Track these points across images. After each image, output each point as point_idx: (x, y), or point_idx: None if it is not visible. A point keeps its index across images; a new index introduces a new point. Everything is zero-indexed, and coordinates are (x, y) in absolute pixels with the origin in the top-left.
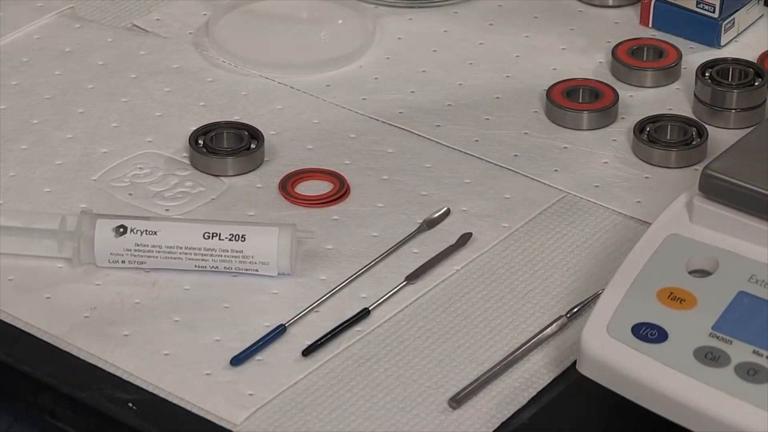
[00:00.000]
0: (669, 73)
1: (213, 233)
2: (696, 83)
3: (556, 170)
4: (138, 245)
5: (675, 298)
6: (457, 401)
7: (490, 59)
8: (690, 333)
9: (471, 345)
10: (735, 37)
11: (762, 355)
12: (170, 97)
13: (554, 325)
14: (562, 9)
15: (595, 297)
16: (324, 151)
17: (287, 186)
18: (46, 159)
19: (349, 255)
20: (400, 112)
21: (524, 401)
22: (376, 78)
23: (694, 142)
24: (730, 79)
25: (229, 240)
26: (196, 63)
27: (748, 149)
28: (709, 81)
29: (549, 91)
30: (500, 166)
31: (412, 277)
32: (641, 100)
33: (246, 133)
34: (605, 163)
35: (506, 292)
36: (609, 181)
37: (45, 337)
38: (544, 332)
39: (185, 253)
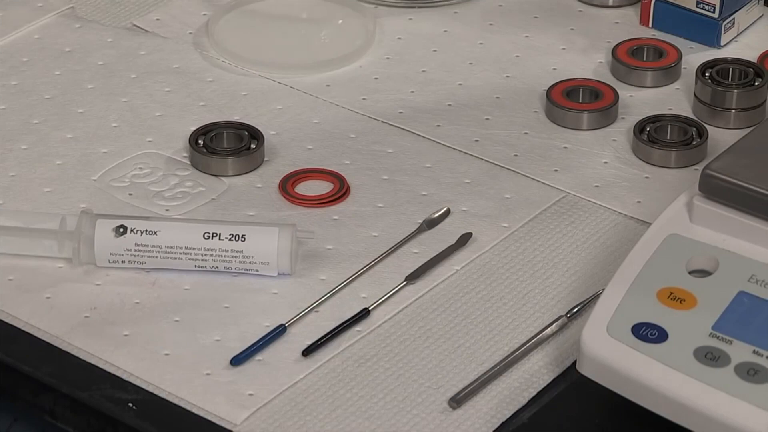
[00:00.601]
0: (669, 73)
1: (213, 233)
2: (696, 83)
3: (556, 170)
4: (138, 245)
5: (675, 298)
6: (457, 401)
7: (490, 59)
8: (690, 333)
9: (471, 345)
10: (735, 37)
11: (762, 355)
12: (170, 97)
13: (554, 325)
14: (562, 9)
15: (595, 297)
16: (324, 151)
17: (287, 186)
18: (46, 159)
19: (349, 255)
20: (400, 112)
21: (524, 401)
22: (376, 78)
23: (694, 142)
24: (730, 79)
25: (229, 240)
26: (196, 63)
27: (748, 149)
28: (709, 81)
29: (549, 91)
30: (500, 166)
31: (412, 277)
32: (641, 100)
33: (246, 133)
34: (605, 163)
35: (506, 292)
36: (609, 181)
37: (45, 337)
38: (544, 332)
39: (185, 253)
